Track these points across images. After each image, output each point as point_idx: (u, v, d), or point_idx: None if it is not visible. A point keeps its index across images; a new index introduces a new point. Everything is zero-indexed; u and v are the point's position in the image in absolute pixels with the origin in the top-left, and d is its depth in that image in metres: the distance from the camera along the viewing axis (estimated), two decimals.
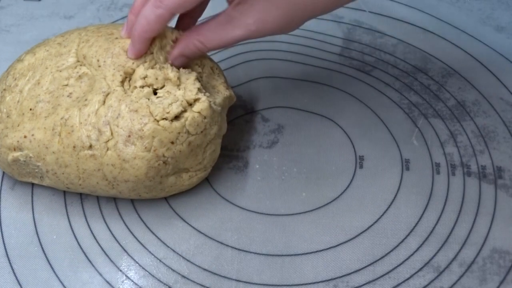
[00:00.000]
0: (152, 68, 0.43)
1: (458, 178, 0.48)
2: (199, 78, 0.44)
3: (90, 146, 0.42)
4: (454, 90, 0.54)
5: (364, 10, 0.62)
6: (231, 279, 0.43)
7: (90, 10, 0.62)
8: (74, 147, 0.42)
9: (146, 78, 0.43)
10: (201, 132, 0.43)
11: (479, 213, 0.46)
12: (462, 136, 0.51)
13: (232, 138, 0.48)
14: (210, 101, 0.43)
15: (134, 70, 0.43)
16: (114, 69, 0.43)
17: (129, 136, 0.41)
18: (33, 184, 0.47)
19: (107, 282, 0.42)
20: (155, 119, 0.41)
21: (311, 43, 0.58)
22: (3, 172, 0.48)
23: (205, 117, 0.43)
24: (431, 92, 0.54)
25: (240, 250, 0.44)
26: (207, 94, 0.44)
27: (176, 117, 0.42)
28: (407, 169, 0.49)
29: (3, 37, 0.59)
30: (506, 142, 0.50)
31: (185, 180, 0.45)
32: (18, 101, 0.44)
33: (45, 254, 0.44)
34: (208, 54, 0.48)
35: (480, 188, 0.47)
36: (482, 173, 0.48)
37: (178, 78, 0.43)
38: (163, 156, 0.42)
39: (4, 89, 0.45)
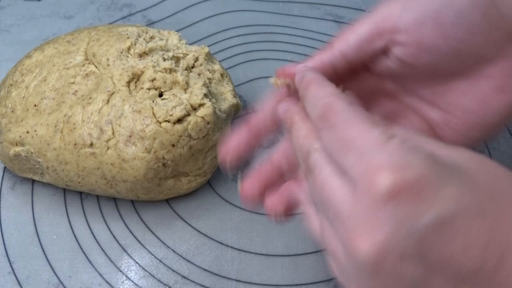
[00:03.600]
0: (162, 71, 0.43)
1: None
2: (207, 84, 0.44)
3: (91, 144, 0.42)
4: None
5: (364, 10, 0.62)
6: (231, 279, 0.43)
7: (90, 10, 0.62)
8: (75, 144, 0.42)
9: (154, 81, 0.43)
10: (203, 137, 0.43)
11: None
12: None
13: None
14: (215, 107, 0.43)
15: (143, 72, 0.43)
16: (123, 69, 0.43)
17: (130, 136, 0.41)
18: (33, 184, 0.47)
19: (107, 282, 0.42)
20: (158, 121, 0.41)
21: (311, 43, 0.58)
22: (3, 172, 0.48)
23: (208, 123, 0.42)
24: None
25: (240, 250, 0.44)
26: (213, 100, 0.43)
27: (179, 120, 0.42)
28: None
29: (3, 37, 0.59)
30: (506, 142, 0.50)
31: (184, 184, 0.45)
32: (24, 97, 0.44)
33: (45, 254, 0.44)
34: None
35: None
36: None
37: (186, 82, 0.43)
38: (163, 158, 0.42)
39: (11, 84, 0.45)
